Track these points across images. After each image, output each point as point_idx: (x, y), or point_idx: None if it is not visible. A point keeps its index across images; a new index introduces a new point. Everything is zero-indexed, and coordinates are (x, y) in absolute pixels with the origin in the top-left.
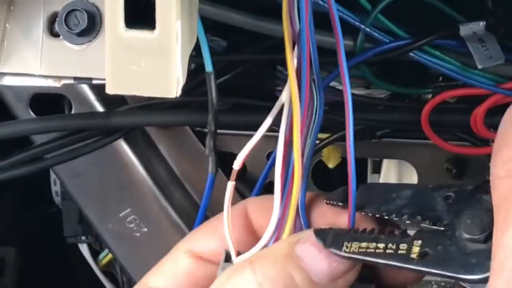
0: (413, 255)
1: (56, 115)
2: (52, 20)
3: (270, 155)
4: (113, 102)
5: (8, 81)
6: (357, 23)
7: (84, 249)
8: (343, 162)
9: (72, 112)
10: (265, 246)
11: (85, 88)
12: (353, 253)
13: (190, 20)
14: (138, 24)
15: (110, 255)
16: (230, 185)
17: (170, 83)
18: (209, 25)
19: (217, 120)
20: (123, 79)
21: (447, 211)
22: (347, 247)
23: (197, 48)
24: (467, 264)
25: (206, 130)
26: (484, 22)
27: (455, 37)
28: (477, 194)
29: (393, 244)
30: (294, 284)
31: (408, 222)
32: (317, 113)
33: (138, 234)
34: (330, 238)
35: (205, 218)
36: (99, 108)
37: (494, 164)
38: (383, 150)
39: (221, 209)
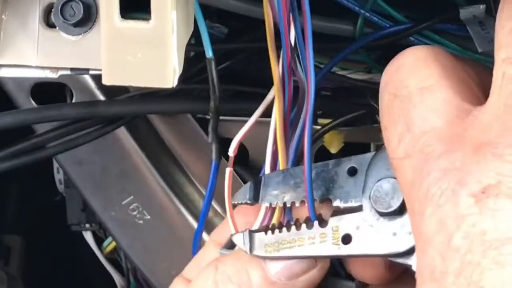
0: (335, 241)
1: (57, 104)
2: (48, 11)
3: None
4: (114, 91)
5: (4, 72)
6: (356, 8)
7: (88, 236)
8: (346, 147)
9: (73, 100)
10: None
11: (86, 76)
12: (276, 251)
13: (186, 8)
14: (134, 13)
15: (114, 243)
16: (228, 171)
17: (167, 74)
18: (210, 12)
19: (219, 107)
20: (119, 70)
21: (354, 185)
22: (268, 246)
23: (196, 36)
24: (388, 239)
25: (207, 117)
26: (484, 6)
27: (455, 21)
28: (379, 162)
29: (312, 234)
30: (249, 282)
31: (320, 205)
32: (309, 96)
33: (141, 222)
34: (250, 242)
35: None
36: (100, 96)
37: (387, 139)
38: None
39: (222, 196)
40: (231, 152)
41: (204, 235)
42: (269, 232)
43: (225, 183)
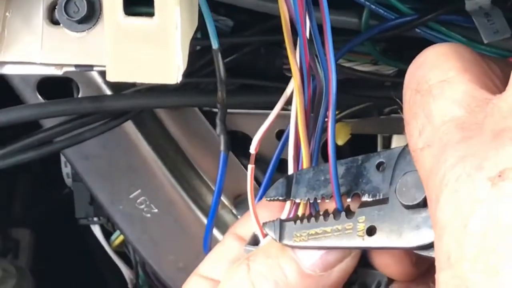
0: (360, 233)
1: (63, 99)
2: (52, 8)
3: (280, 134)
4: (121, 85)
5: (9, 69)
6: (361, 0)
7: (96, 230)
8: (353, 138)
9: (80, 95)
10: None
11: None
12: (304, 241)
13: (190, 4)
14: (138, 7)
15: (122, 236)
16: (250, 168)
17: (171, 70)
18: (216, 4)
19: (226, 98)
20: (123, 66)
21: (382, 180)
22: (297, 236)
23: (202, 30)
24: (412, 232)
25: (214, 110)
26: None
27: (461, 12)
28: (407, 156)
29: (339, 225)
30: (285, 278)
31: (349, 200)
32: (325, 91)
33: (148, 215)
34: (280, 231)
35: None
36: (107, 91)
37: (409, 133)
38: (393, 126)
39: (229, 188)
40: (253, 149)
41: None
42: (298, 221)
43: (248, 180)
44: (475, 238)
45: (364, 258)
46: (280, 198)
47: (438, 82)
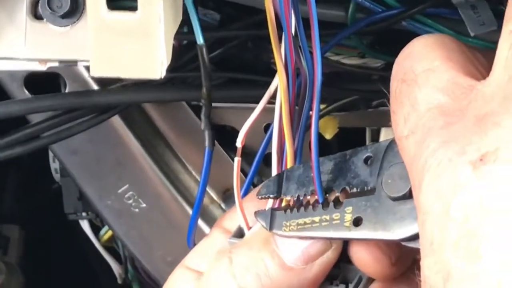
0: (347, 223)
1: (50, 94)
2: (35, 3)
3: (268, 127)
4: (108, 80)
5: None
6: None
7: (85, 225)
8: (341, 132)
9: (67, 90)
10: None
11: (79, 66)
12: (293, 231)
13: None
14: (121, 1)
15: (111, 231)
16: (236, 161)
17: (154, 65)
18: None
19: (211, 94)
20: (107, 61)
21: (370, 174)
22: (286, 226)
23: (189, 24)
24: (398, 223)
25: (202, 104)
26: None
27: (447, 5)
28: (394, 148)
29: (327, 215)
30: (266, 270)
31: (338, 195)
32: (309, 85)
33: (137, 210)
34: (270, 220)
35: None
36: (94, 85)
37: (395, 122)
38: (381, 119)
39: (218, 183)
40: (239, 143)
41: (200, 223)
42: (288, 211)
43: (234, 173)
44: (457, 223)
45: (346, 253)
46: (271, 196)
47: (424, 71)
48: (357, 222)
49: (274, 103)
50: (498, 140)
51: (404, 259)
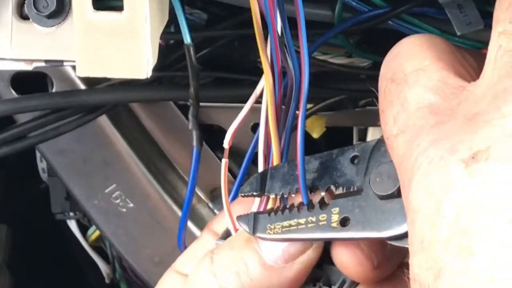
0: (334, 224)
1: (37, 94)
2: (21, 3)
3: (255, 127)
4: (95, 79)
5: None
6: None
7: (72, 225)
8: (328, 131)
9: (54, 90)
10: None
11: (66, 66)
12: (277, 233)
13: None
14: (107, 1)
15: (98, 231)
16: (224, 162)
17: (140, 64)
18: None
19: (199, 94)
20: (93, 61)
21: (356, 173)
22: (270, 229)
23: (176, 24)
24: (386, 222)
25: (189, 103)
26: None
27: (434, 4)
28: (381, 148)
29: (313, 217)
30: (246, 269)
31: (323, 194)
32: (295, 85)
33: (124, 210)
34: (253, 224)
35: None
36: (81, 85)
37: (384, 122)
38: (368, 118)
39: (205, 182)
40: (226, 144)
41: (188, 222)
42: (272, 214)
43: (221, 174)
44: (448, 220)
45: (328, 254)
46: (255, 193)
47: (413, 71)
48: (344, 222)
49: (261, 102)
50: (490, 138)
51: (387, 263)
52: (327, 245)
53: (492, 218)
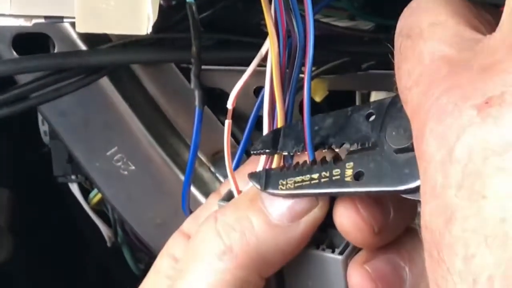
0: (348, 178)
1: (38, 54)
2: None
3: (257, 91)
4: (97, 41)
5: None
6: None
7: (74, 188)
8: (331, 95)
9: (56, 51)
10: None
11: (68, 27)
12: (290, 189)
13: None
14: None
15: (100, 194)
16: (227, 123)
17: (141, 20)
18: None
19: (201, 53)
20: (92, 17)
21: (371, 129)
22: (282, 185)
23: None
24: (401, 175)
25: (192, 66)
26: None
27: None
28: (397, 104)
29: (326, 172)
30: (252, 228)
31: (337, 150)
32: (299, 47)
33: (126, 173)
34: (265, 180)
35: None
36: (82, 46)
37: (399, 77)
38: (371, 82)
39: (207, 146)
40: (229, 105)
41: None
42: (285, 170)
43: (224, 136)
44: (460, 164)
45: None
46: (267, 151)
47: (429, 25)
48: (358, 177)
49: (264, 66)
50: (504, 84)
51: (390, 229)
52: (331, 209)
53: (504, 160)
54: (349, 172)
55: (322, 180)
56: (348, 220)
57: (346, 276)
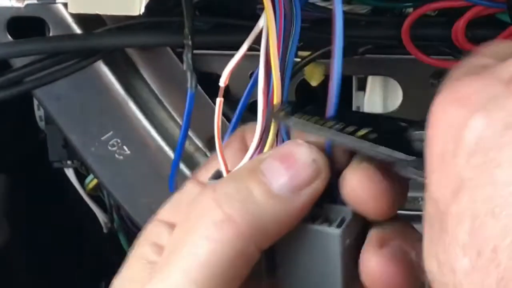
0: (358, 135)
1: (33, 38)
2: None
3: (253, 75)
4: (92, 24)
5: None
6: None
7: (70, 173)
8: (327, 80)
9: (50, 35)
10: None
11: (63, 11)
12: (301, 123)
13: None
14: None
15: (96, 179)
16: (218, 101)
17: (133, 0)
18: None
19: (194, 34)
20: None
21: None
22: (297, 117)
23: None
24: (410, 149)
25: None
26: None
27: None
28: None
29: (341, 125)
30: (252, 198)
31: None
32: (295, 27)
33: (121, 157)
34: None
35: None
36: (77, 30)
37: None
38: (367, 66)
39: (203, 131)
40: (222, 82)
41: (186, 171)
42: (308, 107)
43: (215, 114)
44: (475, 133)
45: (331, 193)
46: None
47: None
48: (368, 138)
49: (259, 50)
50: None
51: (398, 203)
52: (331, 182)
53: None
54: (362, 131)
55: (335, 127)
56: (368, 190)
57: (342, 251)
